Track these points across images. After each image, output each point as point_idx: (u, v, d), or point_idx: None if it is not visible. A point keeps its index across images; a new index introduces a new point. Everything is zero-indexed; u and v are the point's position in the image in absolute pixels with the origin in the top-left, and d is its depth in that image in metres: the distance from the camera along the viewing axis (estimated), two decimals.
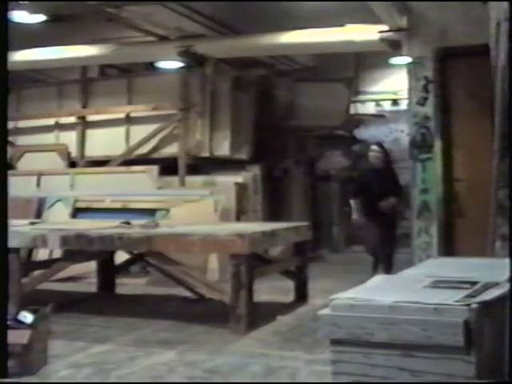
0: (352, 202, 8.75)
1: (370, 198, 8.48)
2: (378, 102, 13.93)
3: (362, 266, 8.80)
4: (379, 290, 3.54)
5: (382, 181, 8.56)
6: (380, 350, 3.15)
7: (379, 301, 3.24)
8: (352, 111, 13.19)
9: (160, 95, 11.15)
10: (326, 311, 3.37)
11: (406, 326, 3.11)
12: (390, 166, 8.87)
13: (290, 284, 7.94)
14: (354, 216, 8.68)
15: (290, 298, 7.85)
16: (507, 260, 3.28)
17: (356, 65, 13.04)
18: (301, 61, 12.39)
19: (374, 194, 8.46)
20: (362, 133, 14.11)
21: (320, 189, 13.68)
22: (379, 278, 3.97)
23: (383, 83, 13.66)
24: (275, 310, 7.31)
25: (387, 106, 13.86)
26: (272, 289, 8.24)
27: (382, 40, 8.88)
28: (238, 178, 10.72)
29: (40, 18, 9.33)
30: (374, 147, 8.79)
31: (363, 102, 13.93)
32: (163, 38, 10.45)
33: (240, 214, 10.36)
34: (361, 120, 13.86)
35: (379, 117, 13.85)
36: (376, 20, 8.44)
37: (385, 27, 8.61)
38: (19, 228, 7.68)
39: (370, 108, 13.99)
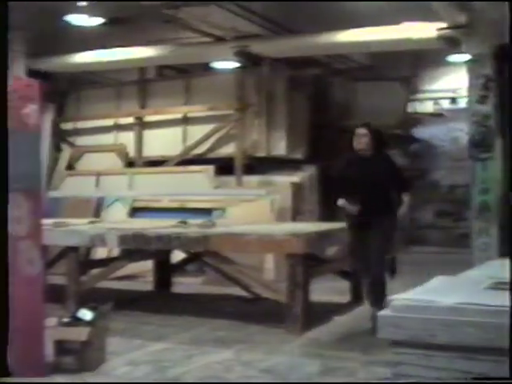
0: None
1: (359, 196, 6.35)
2: (436, 101, 13.73)
3: (419, 267, 8.69)
4: (440, 292, 3.48)
5: (374, 173, 6.38)
6: (441, 352, 3.09)
7: (440, 302, 3.18)
8: (410, 110, 13.02)
9: (216, 95, 11.20)
10: (386, 312, 3.32)
11: (468, 328, 3.04)
12: (383, 153, 6.63)
13: (345, 284, 7.87)
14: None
15: (346, 298, 7.78)
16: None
17: (413, 63, 12.86)
18: (357, 59, 12.29)
19: (364, 191, 6.32)
20: (420, 132, 13.94)
21: None
22: (439, 279, 3.90)
23: (442, 81, 13.46)
24: (331, 310, 7.26)
25: (446, 104, 13.65)
26: (328, 289, 8.18)
27: (440, 37, 8.73)
28: (294, 177, 10.69)
29: (99, 20, 9.47)
30: (360, 129, 6.52)
31: (421, 100, 13.75)
32: (219, 39, 10.49)
33: (296, 214, 10.32)
34: (419, 119, 13.68)
35: (437, 116, 13.65)
36: (434, 17, 8.31)
37: (443, 24, 8.47)
38: (78, 227, 7.80)
39: (428, 107, 13.80)
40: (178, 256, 8.87)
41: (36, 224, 4.91)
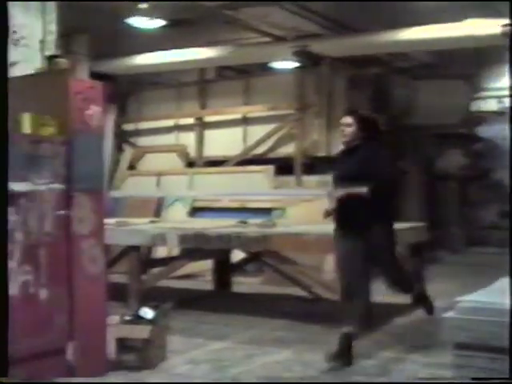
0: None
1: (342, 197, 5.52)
2: (500, 99, 13.43)
3: (482, 268, 8.52)
4: (505, 294, 3.39)
5: (361, 168, 5.46)
6: (505, 355, 3.01)
7: (506, 304, 3.11)
8: (473, 109, 12.78)
9: (276, 95, 11.20)
10: (450, 314, 3.26)
11: None
12: (374, 144, 5.63)
13: None
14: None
15: (407, 299, 7.67)
16: None
17: (477, 61, 12.62)
18: (419, 58, 12.12)
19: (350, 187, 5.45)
20: (483, 131, 13.67)
21: (438, 188, 13.36)
22: (504, 281, 3.81)
23: (506, 79, 13.16)
24: (392, 311, 7.18)
25: (510, 102, 13.34)
26: (389, 290, 8.08)
27: (504, 34, 8.54)
28: None
29: (159, 23, 9.58)
30: (344, 118, 5.71)
31: (485, 98, 13.48)
32: (279, 39, 10.49)
33: None
34: (482, 118, 13.42)
35: (501, 114, 13.36)
36: (496, 14, 8.14)
37: (506, 21, 8.28)
38: (140, 226, 7.90)
39: (491, 105, 13.51)
40: (237, 256, 8.90)
41: (99, 223, 4.99)
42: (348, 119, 5.66)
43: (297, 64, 10.67)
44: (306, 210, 9.81)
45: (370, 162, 5.46)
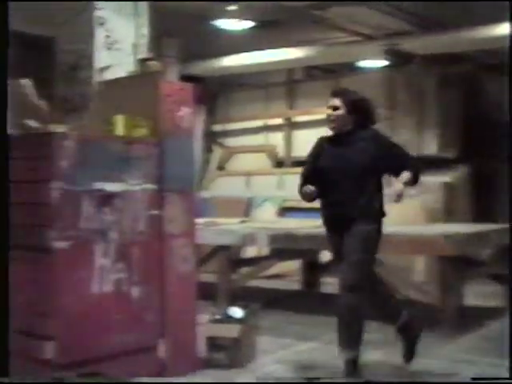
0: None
1: (330, 190, 4.93)
2: None
3: None
4: None
5: (348, 159, 4.87)
6: None
7: None
8: None
9: (365, 94, 11.06)
10: None
11: None
12: (367, 130, 5.05)
13: (500, 289, 7.56)
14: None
15: (500, 303, 7.47)
16: None
17: None
18: None
19: (335, 183, 4.89)
20: None
21: None
22: None
23: None
24: (484, 315, 7.00)
25: None
26: (481, 293, 7.90)
27: None
28: (446, 177, 10.40)
29: (248, 24, 9.65)
30: (331, 100, 5.06)
31: None
32: (367, 37, 10.39)
33: (448, 215, 10.04)
34: None
35: None
36: None
37: None
38: (229, 226, 7.98)
39: None
40: (326, 256, 8.86)
41: (189, 223, 5.07)
42: (336, 101, 5.01)
43: (385, 62, 10.55)
44: (397, 210, 9.67)
45: (375, 153, 4.89)
